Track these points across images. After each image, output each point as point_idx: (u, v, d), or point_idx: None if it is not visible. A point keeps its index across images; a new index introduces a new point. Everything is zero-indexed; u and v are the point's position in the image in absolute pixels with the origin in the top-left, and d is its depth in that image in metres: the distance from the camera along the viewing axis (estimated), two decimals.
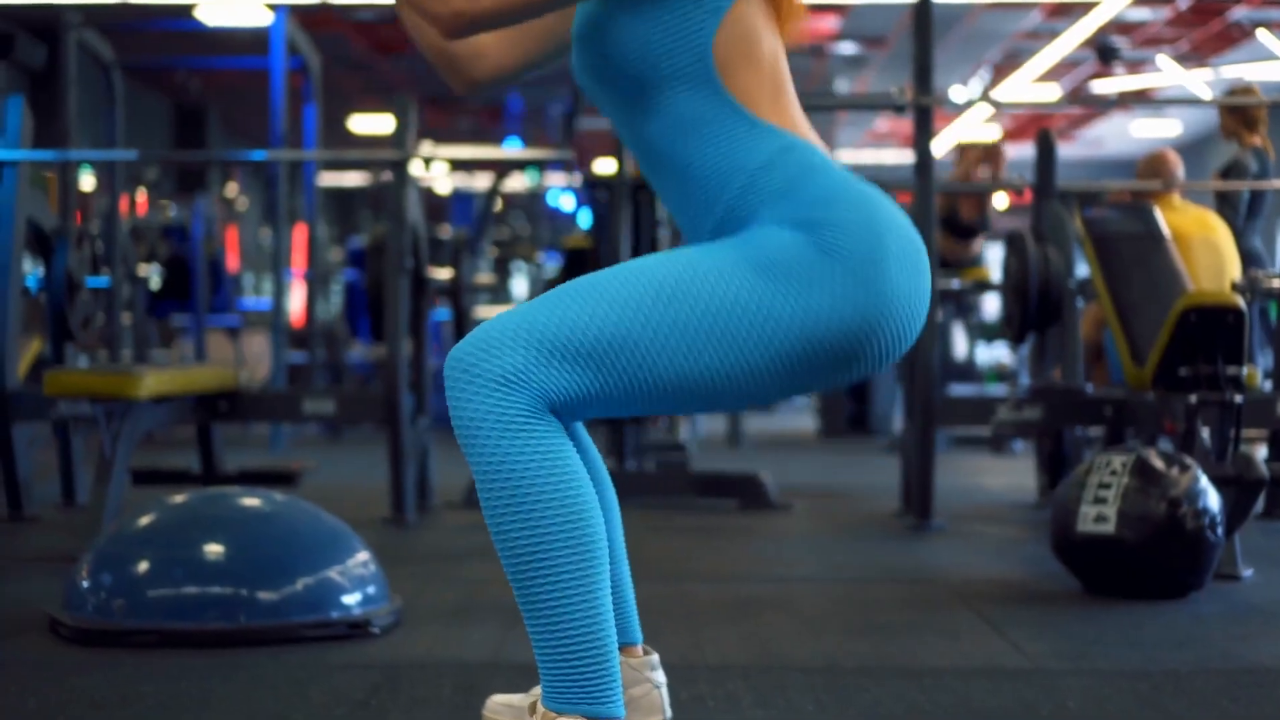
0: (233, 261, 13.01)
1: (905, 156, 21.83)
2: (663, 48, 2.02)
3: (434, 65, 2.30)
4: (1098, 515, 4.11)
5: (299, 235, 11.59)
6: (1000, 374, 15.00)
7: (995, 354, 16.87)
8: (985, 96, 9.02)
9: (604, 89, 2.11)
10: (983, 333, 14.86)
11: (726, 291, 1.96)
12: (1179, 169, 6.62)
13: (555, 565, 1.94)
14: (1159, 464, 4.15)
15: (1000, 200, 9.96)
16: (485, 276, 9.39)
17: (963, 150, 9.64)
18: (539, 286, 12.71)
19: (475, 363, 1.96)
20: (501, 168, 7.08)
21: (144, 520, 3.64)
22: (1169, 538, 4.03)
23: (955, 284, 7.73)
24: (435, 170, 12.50)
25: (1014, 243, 6.22)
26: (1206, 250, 6.21)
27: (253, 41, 14.31)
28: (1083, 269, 6.14)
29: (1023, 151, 22.31)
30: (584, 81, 2.14)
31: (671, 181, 2.09)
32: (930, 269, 2.07)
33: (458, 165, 17.53)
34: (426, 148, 6.35)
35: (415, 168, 5.90)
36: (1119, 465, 4.17)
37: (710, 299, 1.95)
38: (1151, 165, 6.65)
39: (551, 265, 14.36)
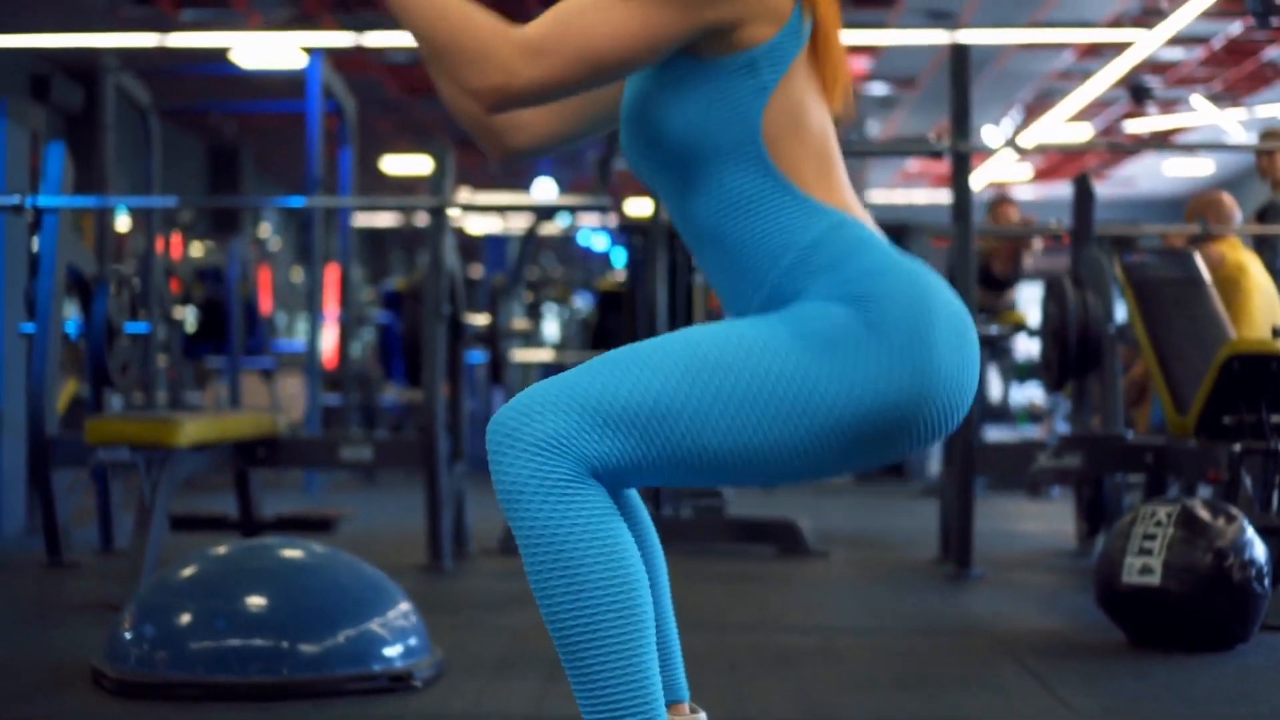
0: (266, 303, 13.05)
1: (937, 196, 21.83)
2: (711, 125, 2.00)
3: (470, 132, 2.25)
4: (1143, 566, 4.07)
5: (331, 275, 11.62)
6: (1033, 414, 14.95)
7: (1028, 394, 16.81)
8: (1012, 142, 8.97)
9: (653, 168, 2.09)
10: (1016, 373, 14.82)
11: (771, 365, 1.94)
12: (1235, 212, 6.56)
13: (601, 631, 1.93)
14: (1204, 514, 4.11)
15: (1032, 248, 9.99)
16: (520, 322, 9.39)
17: (991, 206, 9.65)
18: (573, 329, 12.71)
19: (518, 427, 1.94)
20: (537, 213, 7.08)
21: (186, 571, 3.63)
22: (1215, 589, 4.00)
23: (993, 330, 7.70)
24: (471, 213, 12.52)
25: (1053, 288, 6.19)
26: (1264, 294, 6.24)
27: (287, 84, 14.40)
28: (1121, 313, 6.12)
29: (1055, 191, 22.30)
30: (633, 159, 2.12)
31: (719, 258, 2.07)
32: (978, 344, 2.04)
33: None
34: (464, 195, 6.36)
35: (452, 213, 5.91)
36: (1164, 516, 4.14)
37: (755, 372, 1.94)
38: (1198, 208, 6.60)
39: (584, 305, 14.37)
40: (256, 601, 3.49)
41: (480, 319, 6.45)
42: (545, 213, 7.07)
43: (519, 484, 1.93)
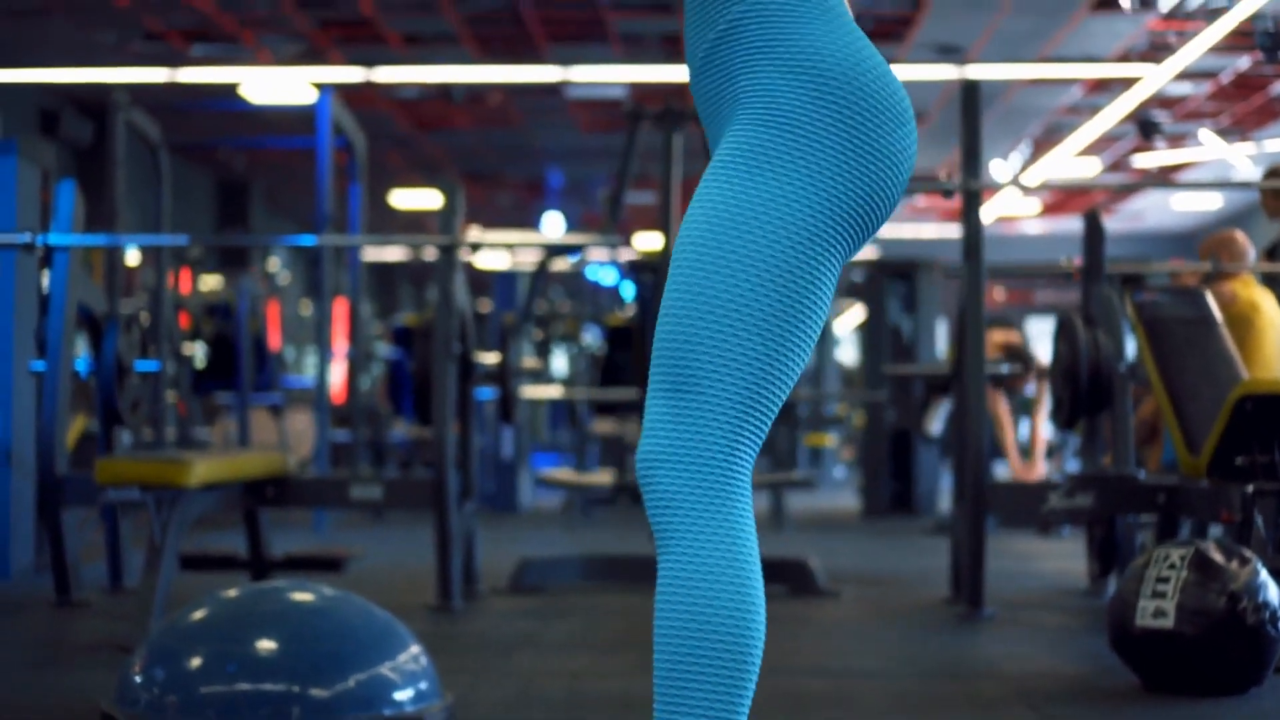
0: (274, 338, 13.06)
1: (946, 231, 21.83)
2: None
3: None
4: (1156, 609, 4.05)
5: (340, 310, 11.63)
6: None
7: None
8: (1019, 183, 8.99)
9: None
10: (1024, 408, 14.79)
11: (752, 230, 1.93)
12: (1248, 250, 6.55)
13: (711, 666, 1.91)
14: (1218, 557, 4.09)
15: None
16: (530, 360, 9.39)
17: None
18: (582, 364, 12.71)
19: (662, 458, 1.93)
20: (547, 251, 7.08)
21: (196, 615, 3.62)
22: (1229, 632, 3.97)
23: (1004, 369, 7.69)
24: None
25: (1064, 326, 6.18)
26: (1277, 332, 6.23)
27: (297, 119, 14.44)
28: (1132, 350, 6.10)
29: (1064, 226, 22.31)
30: None
31: None
32: (914, 121, 2.03)
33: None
34: (474, 233, 6.36)
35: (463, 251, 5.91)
36: (1177, 559, 4.12)
37: (743, 252, 1.93)
38: (1212, 245, 6.59)
39: (593, 340, 14.37)
40: (267, 645, 3.47)
41: (490, 357, 6.45)
42: (555, 250, 7.06)
43: (674, 505, 1.92)
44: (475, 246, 6.04)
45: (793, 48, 1.97)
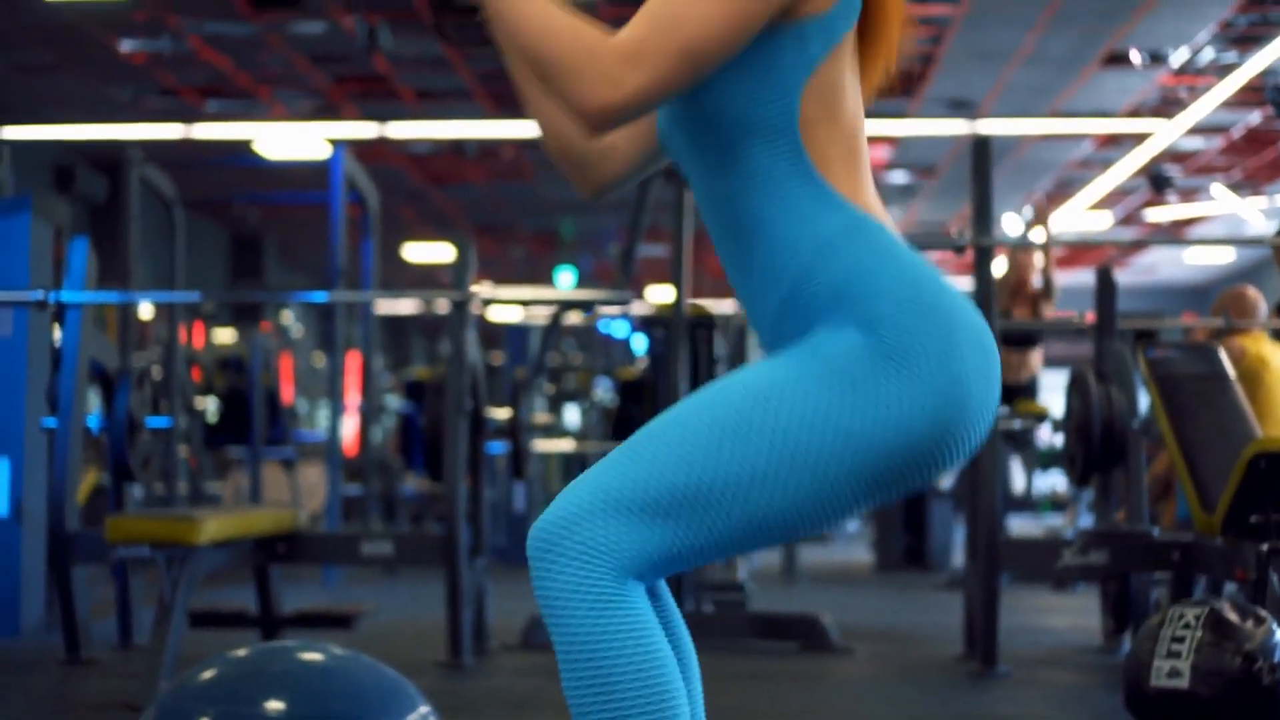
0: (287, 392, 13.08)
1: (958, 284, 21.84)
2: (751, 94, 1.96)
3: (562, 168, 2.23)
4: (1171, 670, 4.02)
5: (353, 363, 11.64)
6: (1056, 503, 14.87)
7: (1051, 481, 16.75)
8: (1026, 239, 8.98)
9: (685, 140, 2.05)
10: (1038, 460, 14.77)
11: (798, 414, 1.89)
12: (1259, 306, 6.55)
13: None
14: (1233, 616, 4.06)
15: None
16: (542, 415, 9.39)
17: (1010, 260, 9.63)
18: (594, 418, 12.70)
19: (559, 540, 1.92)
20: (559, 306, 7.09)
21: (206, 674, 3.59)
22: (1244, 692, 3.94)
23: (1016, 424, 7.68)
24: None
25: (1076, 382, 6.16)
26: None
27: (310, 173, 14.50)
28: (1145, 405, 6.09)
29: (1076, 279, 22.30)
30: (667, 132, 2.10)
31: (737, 246, 2.03)
32: (998, 357, 1.99)
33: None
34: (486, 288, 6.38)
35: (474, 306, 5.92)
36: (1192, 618, 4.09)
37: (785, 426, 1.89)
38: (1224, 302, 6.59)
39: (605, 393, 14.34)
40: (276, 706, 3.45)
41: (502, 413, 6.45)
42: (566, 306, 7.07)
43: (563, 597, 1.91)
44: (487, 302, 6.04)
45: (873, 296, 1.93)
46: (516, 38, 1.93)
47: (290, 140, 13.49)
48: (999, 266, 8.18)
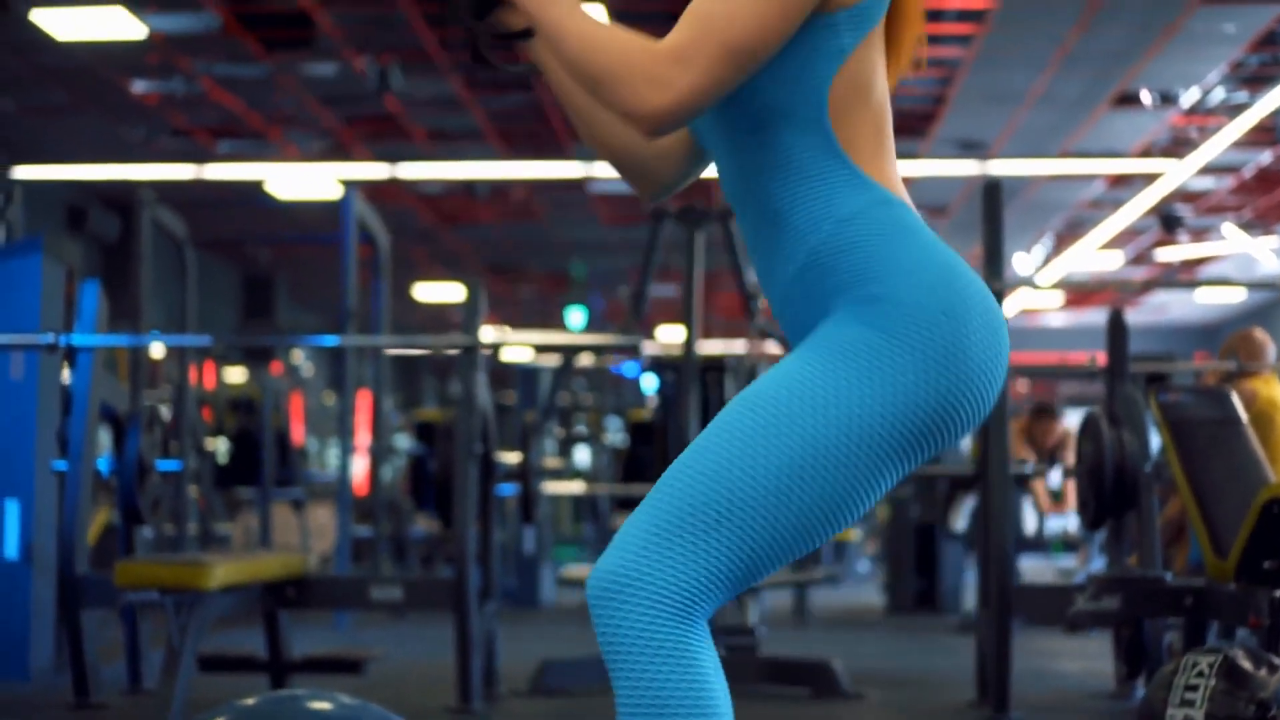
0: (298, 432, 13.07)
1: None
2: (783, 81, 1.99)
3: (623, 177, 2.25)
4: (1185, 718, 3.99)
5: (364, 402, 11.63)
6: (1067, 543, 14.81)
7: (1062, 522, 16.66)
8: (1028, 281, 8.98)
9: (717, 119, 2.07)
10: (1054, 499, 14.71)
11: (815, 407, 1.92)
12: (1268, 347, 6.53)
13: None
14: (1246, 664, 4.03)
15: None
16: (552, 459, 9.38)
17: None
18: (604, 459, 12.69)
19: (619, 585, 1.91)
20: (568, 351, 7.09)
21: None
22: None
23: (1028, 468, 7.65)
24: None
25: (1088, 426, 6.14)
26: None
27: (322, 213, 14.54)
28: (1156, 445, 6.06)
29: (1087, 318, 22.29)
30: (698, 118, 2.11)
31: (759, 221, 2.05)
32: (1006, 333, 2.03)
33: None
34: (496, 333, 6.37)
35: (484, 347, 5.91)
36: (1205, 666, 4.06)
37: (805, 420, 1.92)
38: (1232, 344, 6.57)
39: (615, 432, 14.34)
40: None
41: (512, 456, 6.44)
42: (575, 349, 7.07)
43: (624, 642, 1.90)
44: (497, 346, 6.04)
45: (875, 281, 1.97)
46: (566, 53, 1.94)
47: (301, 180, 13.53)
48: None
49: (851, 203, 1.99)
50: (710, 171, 2.23)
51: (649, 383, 14.69)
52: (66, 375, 6.26)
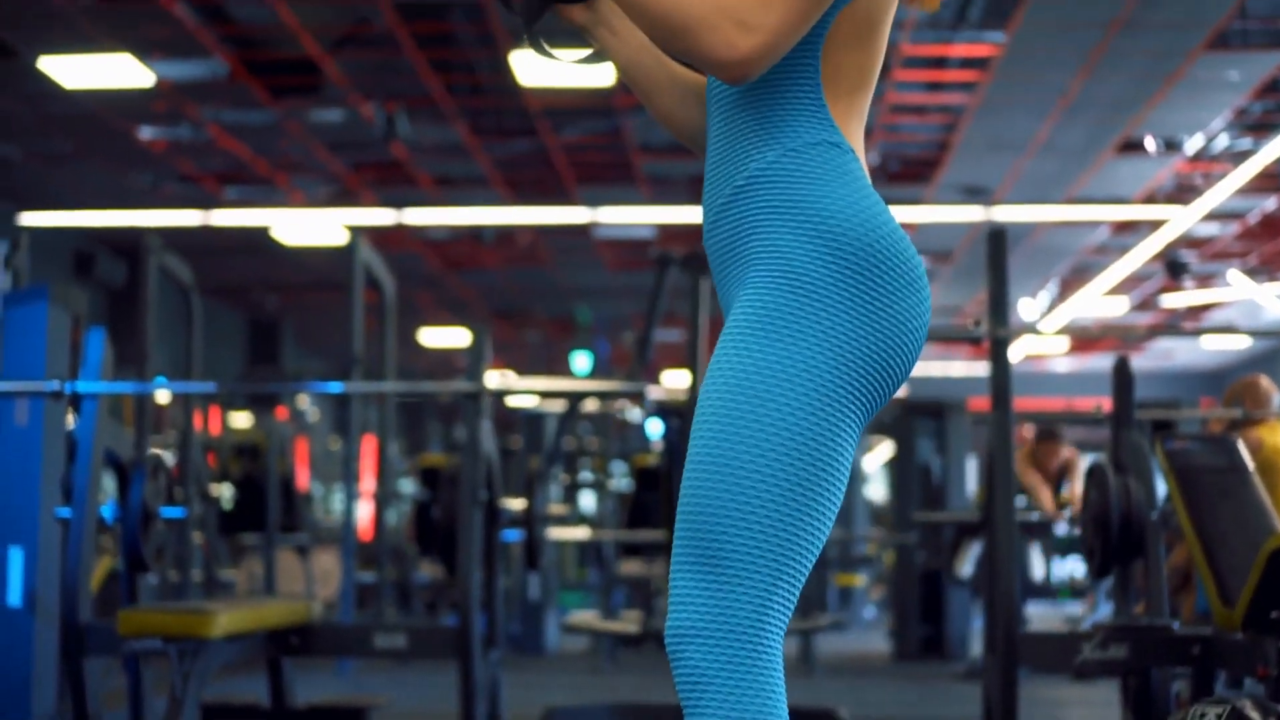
0: (303, 477, 13.06)
1: (975, 369, 21.82)
2: None
3: (692, 149, 2.26)
4: None
5: (369, 446, 11.63)
6: (1074, 589, 14.78)
7: (1069, 568, 16.64)
8: (1033, 327, 8.99)
9: None
10: (1056, 547, 14.69)
11: (770, 383, 1.93)
12: (1272, 394, 6.52)
13: None
14: (1254, 715, 4.02)
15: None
16: (557, 505, 9.37)
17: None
18: (609, 505, 12.66)
19: (688, 631, 1.92)
20: (573, 398, 7.09)
21: None
22: None
23: (1034, 516, 7.64)
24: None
25: (1094, 474, 6.13)
26: None
27: (328, 257, 14.57)
28: (1162, 492, 6.04)
29: (1093, 364, 22.28)
30: None
31: (725, 138, 2.06)
32: (927, 288, 2.04)
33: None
34: (501, 378, 6.37)
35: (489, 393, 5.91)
36: (1214, 717, 4.04)
37: (784, 413, 1.93)
38: (1236, 391, 6.56)
39: (619, 477, 14.29)
40: None
41: (517, 502, 6.42)
42: (580, 396, 7.07)
43: (706, 680, 1.91)
44: (502, 394, 6.04)
45: (807, 209, 1.99)
46: (650, 10, 1.95)
47: (308, 226, 13.57)
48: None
49: (804, 135, 2.00)
50: None
51: (654, 428, 14.68)
52: (71, 422, 6.26)
